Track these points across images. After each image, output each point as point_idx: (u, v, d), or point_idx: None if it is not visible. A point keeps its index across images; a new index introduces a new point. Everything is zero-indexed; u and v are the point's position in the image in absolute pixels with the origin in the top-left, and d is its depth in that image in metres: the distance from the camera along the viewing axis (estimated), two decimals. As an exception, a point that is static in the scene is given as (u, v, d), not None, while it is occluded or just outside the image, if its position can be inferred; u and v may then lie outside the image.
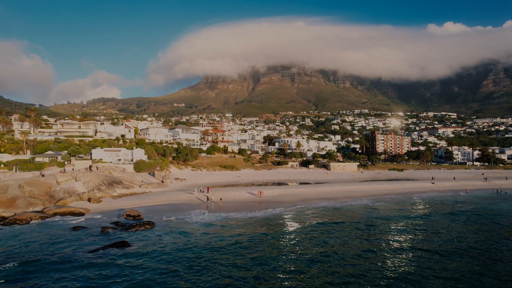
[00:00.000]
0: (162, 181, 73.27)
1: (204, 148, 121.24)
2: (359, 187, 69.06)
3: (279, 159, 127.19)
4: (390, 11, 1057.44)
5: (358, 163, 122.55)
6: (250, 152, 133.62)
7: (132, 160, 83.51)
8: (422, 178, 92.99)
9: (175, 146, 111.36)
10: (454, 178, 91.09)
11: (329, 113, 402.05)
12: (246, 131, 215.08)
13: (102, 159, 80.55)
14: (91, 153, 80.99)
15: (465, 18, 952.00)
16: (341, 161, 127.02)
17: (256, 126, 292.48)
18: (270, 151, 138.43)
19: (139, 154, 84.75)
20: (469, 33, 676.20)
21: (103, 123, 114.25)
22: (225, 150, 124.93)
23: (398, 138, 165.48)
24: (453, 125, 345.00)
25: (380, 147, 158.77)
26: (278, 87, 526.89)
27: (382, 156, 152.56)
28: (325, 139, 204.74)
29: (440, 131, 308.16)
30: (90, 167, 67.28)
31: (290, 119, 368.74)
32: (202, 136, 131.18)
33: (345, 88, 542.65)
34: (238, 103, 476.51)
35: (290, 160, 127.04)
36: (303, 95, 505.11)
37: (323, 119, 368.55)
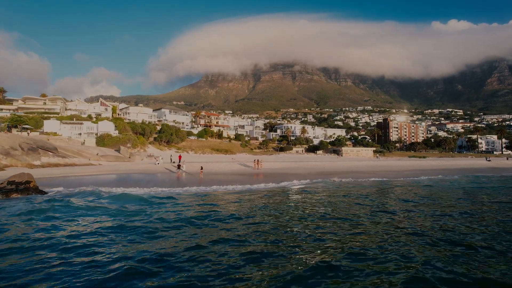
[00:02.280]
0: (130, 157, 54.09)
1: (195, 131, 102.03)
2: (396, 163, 49.66)
3: (281, 145, 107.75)
4: (395, 6, 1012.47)
5: (374, 149, 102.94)
6: (249, 138, 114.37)
7: (97, 135, 64.33)
8: (458, 162, 73.17)
9: (159, 127, 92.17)
10: (507, 158, 71.64)
11: (331, 110, 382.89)
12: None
13: (57, 133, 61.39)
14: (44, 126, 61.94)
15: (470, 14, 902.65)
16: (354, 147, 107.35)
17: (256, 120, 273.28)
18: (271, 137, 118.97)
19: (106, 127, 65.58)
20: (474, 30, 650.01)
21: (72, 100, 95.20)
22: (219, 135, 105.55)
23: (413, 126, 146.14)
24: (460, 121, 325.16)
25: (394, 136, 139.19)
26: (279, 85, 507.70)
27: (397, 145, 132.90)
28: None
29: (449, 126, 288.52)
30: (9, 127, 47.92)
31: (292, 116, 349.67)
32: (193, 119, 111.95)
33: (347, 87, 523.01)
34: (239, 101, 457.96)
35: (295, 146, 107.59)
36: (305, 93, 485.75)
37: (326, 116, 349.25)
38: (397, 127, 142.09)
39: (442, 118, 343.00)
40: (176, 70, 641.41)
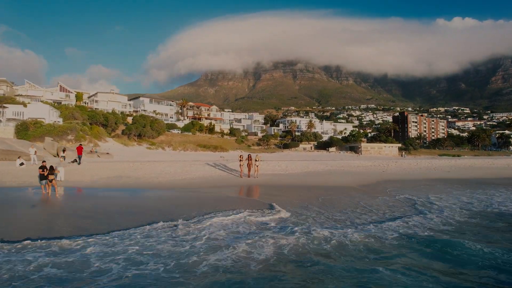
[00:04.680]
0: (58, 154, 33.95)
1: (181, 124, 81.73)
2: (470, 162, 29.00)
3: (285, 141, 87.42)
4: (400, 2, 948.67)
5: (400, 145, 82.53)
6: (246, 133, 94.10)
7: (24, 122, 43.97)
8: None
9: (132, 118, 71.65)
10: None
11: (334, 108, 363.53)
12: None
13: (-37, 119, 41.05)
14: None
15: (477, 11, 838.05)
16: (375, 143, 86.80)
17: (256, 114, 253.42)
18: (272, 133, 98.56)
19: (40, 113, 45.23)
20: (480, 28, 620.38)
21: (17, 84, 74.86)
22: (210, 129, 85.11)
23: (433, 121, 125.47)
24: (469, 118, 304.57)
25: (412, 132, 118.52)
26: (279, 83, 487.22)
27: (417, 142, 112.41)
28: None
29: (459, 124, 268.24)
30: None
31: (293, 114, 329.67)
32: (179, 111, 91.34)
33: (348, 85, 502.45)
34: (239, 100, 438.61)
35: (301, 143, 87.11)
36: (306, 91, 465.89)
37: (328, 114, 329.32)
38: (416, 122, 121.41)
39: (449, 116, 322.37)
40: (177, 68, 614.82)
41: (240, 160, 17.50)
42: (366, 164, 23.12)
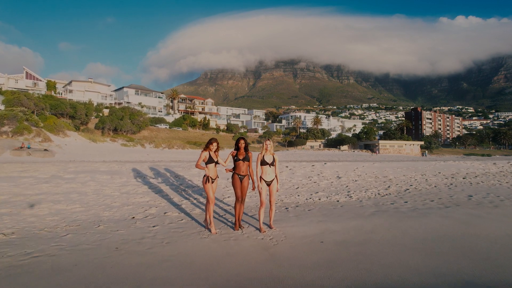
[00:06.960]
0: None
1: (170, 118, 70.11)
2: None
3: (289, 138, 75.83)
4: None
5: (422, 143, 71.02)
6: (246, 130, 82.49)
7: None
8: None
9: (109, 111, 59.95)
10: None
11: (335, 107, 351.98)
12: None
13: None
14: None
15: (481, 10, 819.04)
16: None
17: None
18: (275, 129, 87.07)
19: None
20: (483, 26, 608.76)
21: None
22: (204, 125, 73.53)
23: (448, 118, 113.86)
24: (474, 118, 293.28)
25: (427, 129, 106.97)
26: (280, 82, 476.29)
27: (434, 140, 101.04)
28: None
29: (465, 123, 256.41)
30: None
31: (295, 111, 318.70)
32: (169, 104, 79.57)
33: (349, 84, 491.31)
34: (238, 99, 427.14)
35: (308, 140, 75.48)
36: (306, 90, 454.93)
37: (330, 113, 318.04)
38: (430, 119, 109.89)
39: (454, 115, 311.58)
40: (178, 66, 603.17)
41: (214, 161, 4.82)
42: (481, 170, 11.54)
